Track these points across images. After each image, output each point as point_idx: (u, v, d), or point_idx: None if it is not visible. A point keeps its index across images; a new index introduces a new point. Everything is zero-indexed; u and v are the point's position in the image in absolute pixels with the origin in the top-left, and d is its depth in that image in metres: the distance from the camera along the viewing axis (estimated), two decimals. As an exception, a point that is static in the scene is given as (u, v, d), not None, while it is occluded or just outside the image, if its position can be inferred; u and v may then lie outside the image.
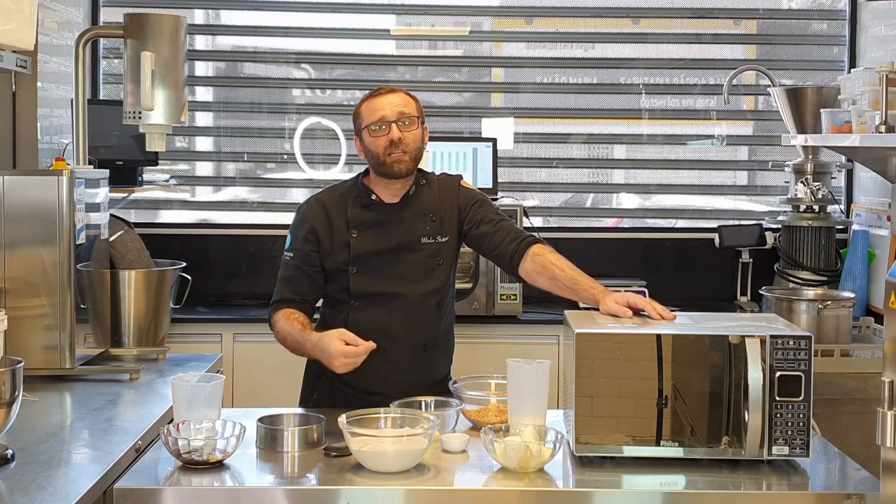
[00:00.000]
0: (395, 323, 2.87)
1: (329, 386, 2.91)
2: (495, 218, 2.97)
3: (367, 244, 2.90)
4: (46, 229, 3.00)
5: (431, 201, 2.96)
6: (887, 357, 1.98)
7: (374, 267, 2.90)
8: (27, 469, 2.23)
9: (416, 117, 2.91)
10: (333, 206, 2.95)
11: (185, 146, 5.00)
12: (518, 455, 2.29)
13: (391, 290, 2.88)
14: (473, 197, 3.01)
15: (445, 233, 2.96)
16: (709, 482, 2.28)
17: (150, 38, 3.19)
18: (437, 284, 2.95)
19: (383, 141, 2.87)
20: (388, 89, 2.95)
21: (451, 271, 2.99)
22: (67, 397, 2.93)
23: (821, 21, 4.98)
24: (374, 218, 2.92)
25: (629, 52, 4.95)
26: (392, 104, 2.90)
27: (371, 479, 2.26)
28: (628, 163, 5.01)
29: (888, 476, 1.98)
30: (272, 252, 4.79)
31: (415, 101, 2.95)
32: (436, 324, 2.96)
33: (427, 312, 2.93)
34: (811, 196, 4.33)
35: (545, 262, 2.86)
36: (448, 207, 2.97)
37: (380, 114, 2.89)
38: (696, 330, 2.45)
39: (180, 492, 2.21)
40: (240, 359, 4.22)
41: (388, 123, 2.87)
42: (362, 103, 2.95)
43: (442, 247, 2.95)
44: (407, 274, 2.91)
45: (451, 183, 3.03)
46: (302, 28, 4.94)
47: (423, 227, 2.94)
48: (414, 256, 2.92)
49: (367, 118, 2.91)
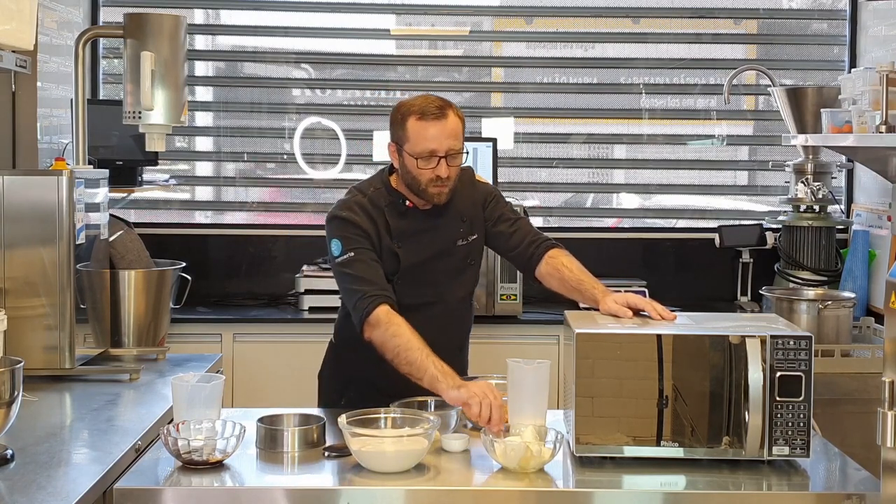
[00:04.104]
0: (434, 329, 2.78)
1: (359, 393, 2.86)
2: (512, 217, 2.97)
3: (413, 255, 2.86)
4: (46, 229, 3.00)
5: (458, 201, 2.92)
6: (887, 357, 1.98)
7: (417, 276, 2.87)
8: (27, 469, 2.23)
9: (461, 148, 2.81)
10: (372, 211, 2.86)
11: (185, 146, 4.99)
12: (518, 455, 2.29)
13: (430, 299, 2.87)
14: (490, 192, 3.01)
15: (474, 231, 2.95)
16: (709, 482, 2.28)
17: (150, 38, 3.19)
18: (469, 285, 2.98)
19: (429, 174, 2.78)
20: (438, 110, 2.77)
21: (478, 269, 3.00)
22: (67, 397, 2.93)
23: (821, 21, 4.98)
24: (413, 227, 2.88)
25: (629, 52, 4.95)
26: (444, 135, 2.76)
27: (371, 479, 2.26)
28: (628, 163, 5.01)
29: (888, 476, 1.98)
30: (272, 252, 4.79)
31: (462, 124, 2.82)
32: (467, 324, 2.98)
33: (461, 314, 2.95)
34: (811, 196, 4.33)
35: (557, 265, 2.88)
36: (472, 205, 2.96)
37: (431, 146, 2.76)
38: (697, 330, 2.45)
39: (180, 492, 2.21)
40: (240, 359, 4.22)
41: (438, 157, 2.77)
42: (409, 119, 2.78)
43: (472, 246, 2.96)
44: (444, 279, 2.91)
45: (468, 178, 2.98)
46: (302, 28, 4.93)
47: (456, 230, 2.92)
48: (450, 261, 2.92)
49: (416, 144, 2.77)
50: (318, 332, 4.26)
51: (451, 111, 2.79)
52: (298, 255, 4.66)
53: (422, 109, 2.78)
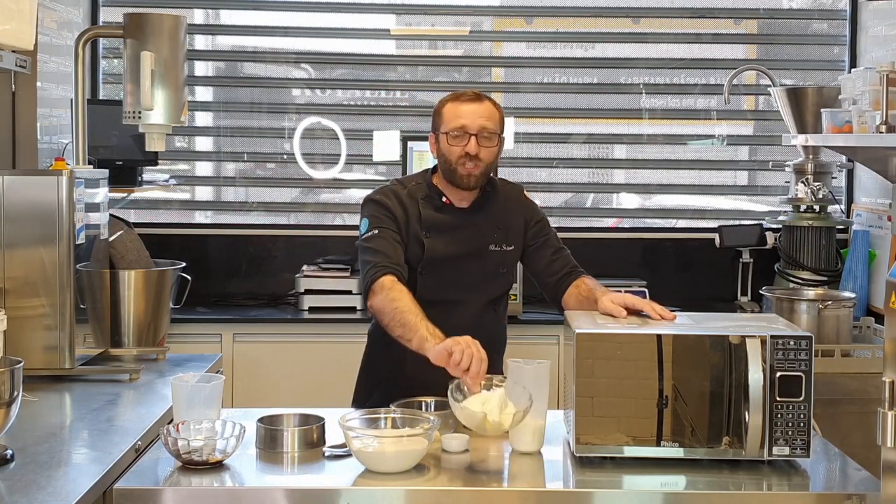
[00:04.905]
0: (458, 330, 2.72)
1: (384, 395, 2.82)
2: (557, 245, 3.02)
3: (440, 247, 2.89)
4: (46, 229, 3.00)
5: (499, 209, 2.98)
6: (888, 357, 1.98)
7: (443, 271, 2.89)
8: (27, 469, 2.23)
9: (496, 133, 2.88)
10: (407, 200, 2.92)
11: (185, 146, 5.00)
12: (475, 422, 2.37)
13: (456, 298, 2.88)
14: (538, 213, 3.07)
15: (511, 242, 2.98)
16: (709, 482, 2.28)
17: (150, 38, 3.19)
18: (498, 292, 2.99)
19: (459, 150, 2.84)
20: (475, 95, 2.88)
21: (511, 279, 3.03)
22: (67, 397, 2.92)
23: (821, 21, 4.98)
24: (445, 221, 2.91)
25: (629, 52, 4.95)
26: (476, 114, 2.84)
27: (371, 479, 2.26)
28: (628, 163, 5.01)
29: (888, 476, 1.98)
30: (272, 252, 4.79)
31: (499, 113, 2.90)
32: (495, 328, 2.98)
33: (488, 318, 2.95)
34: (812, 196, 4.32)
35: (577, 283, 2.93)
36: (515, 218, 2.99)
37: (462, 122, 2.84)
38: (697, 330, 2.45)
39: (180, 492, 2.20)
40: (240, 359, 4.22)
41: (468, 135, 2.83)
42: (447, 103, 2.89)
43: (507, 256, 2.98)
44: (472, 281, 2.92)
45: (516, 193, 3.06)
46: (302, 28, 4.93)
47: (490, 235, 2.95)
48: (481, 264, 2.93)
49: (449, 122, 2.86)
50: (318, 332, 4.30)
51: (488, 99, 2.91)
52: (298, 255, 4.66)
53: (458, 95, 2.90)
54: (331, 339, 4.23)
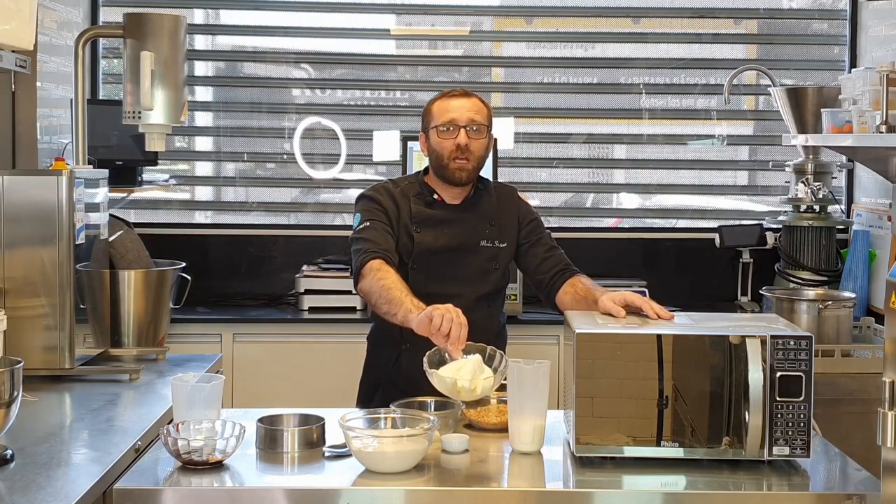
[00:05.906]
0: None
1: (386, 395, 2.84)
2: (550, 244, 3.05)
3: (429, 241, 2.93)
4: (46, 229, 3.00)
5: (492, 207, 3.02)
6: (888, 357, 1.98)
7: (433, 266, 2.93)
8: (27, 469, 2.23)
9: (485, 126, 2.94)
10: (399, 197, 2.97)
11: (185, 146, 4.99)
12: (447, 388, 2.48)
13: (447, 292, 2.87)
14: (532, 213, 3.10)
15: (504, 239, 3.00)
16: (709, 483, 2.28)
17: (150, 38, 3.19)
18: (490, 288, 3.00)
19: (450, 144, 2.90)
20: (462, 92, 2.97)
21: (505, 276, 3.05)
22: (67, 397, 2.92)
23: (821, 21, 4.98)
24: (435, 216, 2.96)
25: (629, 52, 4.95)
26: (465, 108, 2.92)
27: (371, 479, 2.26)
28: (628, 163, 5.01)
29: (889, 476, 1.98)
30: (272, 252, 4.79)
31: (487, 109, 2.98)
32: (488, 325, 2.98)
33: (481, 315, 2.94)
34: (812, 196, 4.32)
35: (573, 282, 2.94)
36: (508, 216, 3.03)
37: (450, 115, 2.91)
38: (697, 330, 2.45)
39: (180, 492, 2.20)
40: (240, 359, 4.22)
41: (458, 127, 2.89)
42: (434, 102, 2.97)
43: (500, 252, 3.00)
44: (464, 275, 2.95)
45: (510, 193, 3.10)
46: (302, 28, 4.93)
47: (482, 231, 2.98)
48: (472, 259, 2.96)
49: (438, 117, 2.93)
50: (318, 333, 4.30)
51: (476, 96, 2.97)
52: (298, 255, 4.67)
53: (446, 93, 2.98)
54: (331, 339, 4.23)
